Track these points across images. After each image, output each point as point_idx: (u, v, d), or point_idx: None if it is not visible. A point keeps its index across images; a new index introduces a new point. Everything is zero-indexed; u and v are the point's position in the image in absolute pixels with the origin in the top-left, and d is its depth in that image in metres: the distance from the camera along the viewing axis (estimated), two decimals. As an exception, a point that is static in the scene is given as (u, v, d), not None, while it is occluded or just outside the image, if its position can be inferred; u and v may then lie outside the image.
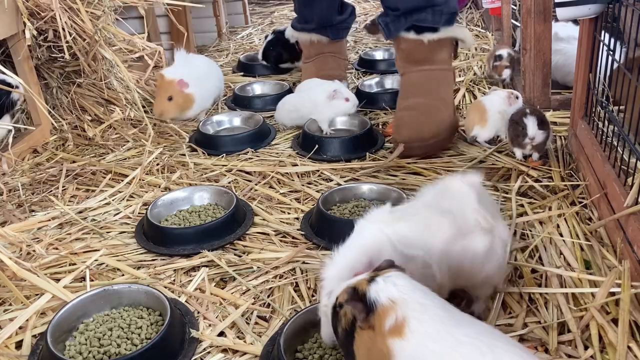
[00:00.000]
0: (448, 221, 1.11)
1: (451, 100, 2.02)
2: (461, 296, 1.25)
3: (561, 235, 1.42)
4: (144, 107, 2.48)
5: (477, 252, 1.11)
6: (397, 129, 1.94)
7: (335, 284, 0.99)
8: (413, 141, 1.87)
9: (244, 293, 1.36)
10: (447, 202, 1.14)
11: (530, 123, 1.72)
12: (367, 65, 2.99)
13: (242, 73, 3.08)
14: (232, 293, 1.35)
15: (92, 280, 1.42)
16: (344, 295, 0.90)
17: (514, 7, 2.90)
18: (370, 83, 2.62)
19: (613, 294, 1.17)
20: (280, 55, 2.93)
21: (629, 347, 1.06)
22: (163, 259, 1.51)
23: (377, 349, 0.85)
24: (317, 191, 1.77)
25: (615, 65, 1.44)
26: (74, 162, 2.10)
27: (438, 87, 1.99)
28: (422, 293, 0.89)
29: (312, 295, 1.33)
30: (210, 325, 1.26)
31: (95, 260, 1.49)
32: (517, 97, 1.95)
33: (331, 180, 1.85)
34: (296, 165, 1.96)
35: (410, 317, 0.83)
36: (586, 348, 1.10)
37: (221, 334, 1.23)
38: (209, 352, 1.19)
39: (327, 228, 1.52)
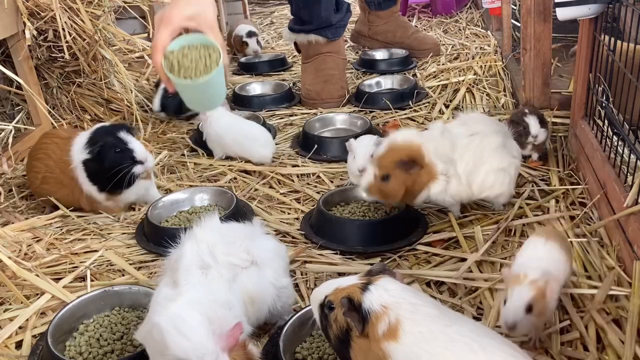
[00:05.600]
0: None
1: None
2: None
3: (561, 235, 1.42)
4: (142, 107, 2.48)
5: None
6: None
7: None
8: None
9: (244, 293, 1.35)
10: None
11: (532, 122, 1.72)
12: (367, 65, 2.99)
13: (249, 74, 3.07)
14: (232, 293, 1.35)
15: (93, 280, 1.42)
16: (337, 302, 0.91)
17: (514, 7, 2.90)
18: (370, 83, 2.62)
19: (612, 297, 1.17)
20: (180, 105, 2.36)
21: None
22: (163, 260, 1.50)
23: (373, 353, 0.87)
24: (317, 192, 1.77)
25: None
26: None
27: None
28: (413, 294, 0.91)
29: (312, 296, 1.33)
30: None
31: (96, 259, 1.49)
32: None
33: (331, 182, 1.85)
34: (297, 166, 1.96)
35: (403, 318, 0.86)
36: (586, 348, 1.10)
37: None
38: (209, 353, 1.18)
39: (327, 228, 1.52)
